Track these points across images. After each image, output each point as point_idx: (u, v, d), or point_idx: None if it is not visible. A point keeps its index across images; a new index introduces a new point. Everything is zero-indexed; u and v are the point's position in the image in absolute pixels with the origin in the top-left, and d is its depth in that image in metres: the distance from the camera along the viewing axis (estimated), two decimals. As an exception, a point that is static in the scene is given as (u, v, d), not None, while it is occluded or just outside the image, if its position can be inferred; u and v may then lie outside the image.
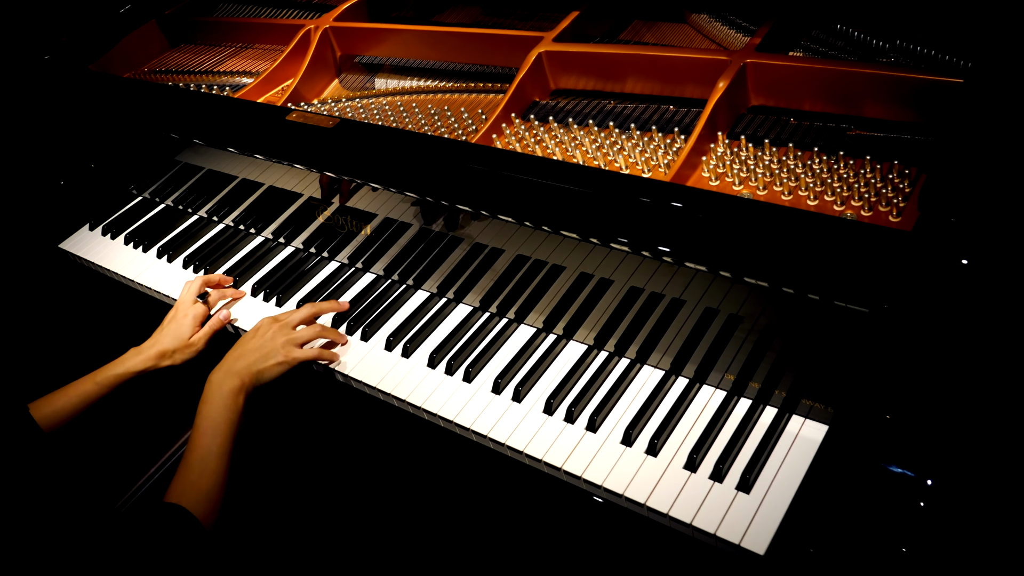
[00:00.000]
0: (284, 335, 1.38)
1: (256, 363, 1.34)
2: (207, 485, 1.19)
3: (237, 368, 1.32)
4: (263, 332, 1.39)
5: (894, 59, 1.33)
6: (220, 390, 1.29)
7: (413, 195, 1.36)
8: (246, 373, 1.32)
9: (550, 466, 1.19)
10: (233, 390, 1.29)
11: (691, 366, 1.25)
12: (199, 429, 1.25)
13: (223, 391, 1.29)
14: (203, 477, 1.20)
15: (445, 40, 1.72)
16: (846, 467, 0.98)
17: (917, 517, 0.90)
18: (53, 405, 1.40)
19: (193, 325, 1.51)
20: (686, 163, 1.28)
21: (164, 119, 1.70)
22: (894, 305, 0.95)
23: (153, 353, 1.47)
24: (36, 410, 1.38)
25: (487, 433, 1.25)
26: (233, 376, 1.31)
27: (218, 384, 1.30)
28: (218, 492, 1.20)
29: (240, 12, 2.16)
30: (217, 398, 1.28)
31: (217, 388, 1.29)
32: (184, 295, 1.55)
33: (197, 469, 1.20)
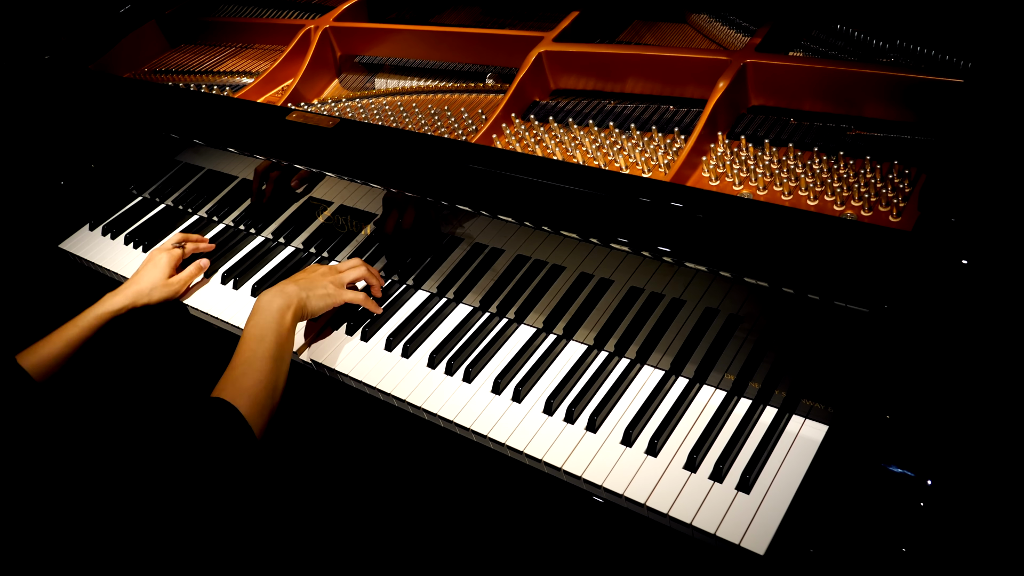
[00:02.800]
0: (332, 275, 1.42)
1: (304, 289, 1.36)
2: (249, 383, 1.19)
3: (287, 291, 1.35)
4: (311, 268, 1.44)
5: (894, 59, 1.33)
6: (269, 306, 1.31)
7: (413, 195, 1.36)
8: (294, 296, 1.34)
9: (550, 466, 1.19)
10: (281, 307, 1.31)
11: (691, 366, 1.25)
12: (245, 337, 1.27)
13: (272, 307, 1.31)
14: (246, 376, 1.20)
15: (445, 40, 1.72)
16: (846, 467, 0.98)
17: (917, 517, 0.90)
18: (39, 354, 1.44)
19: (169, 264, 1.59)
20: (686, 163, 1.28)
21: (164, 119, 1.70)
22: (894, 305, 0.95)
23: (131, 292, 1.54)
24: (23, 360, 1.43)
25: (487, 433, 1.25)
26: (282, 296, 1.33)
27: (267, 301, 1.32)
28: (261, 390, 1.19)
29: (240, 12, 2.16)
30: (265, 311, 1.30)
31: (267, 304, 1.32)
32: (163, 244, 1.65)
33: (240, 369, 1.21)
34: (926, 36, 1.31)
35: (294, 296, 1.34)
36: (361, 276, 1.47)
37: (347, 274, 1.44)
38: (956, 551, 0.91)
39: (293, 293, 1.35)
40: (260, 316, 1.30)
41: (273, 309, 1.31)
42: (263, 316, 1.30)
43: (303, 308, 1.35)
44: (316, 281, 1.39)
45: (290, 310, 1.32)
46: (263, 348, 1.25)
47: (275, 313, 1.30)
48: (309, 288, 1.37)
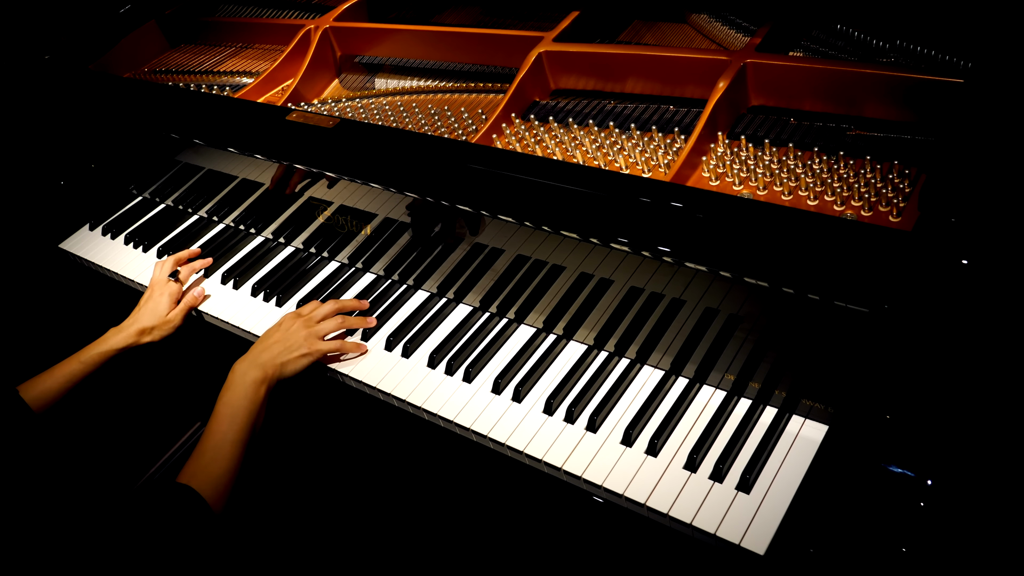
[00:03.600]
0: (307, 328, 1.39)
1: (280, 355, 1.34)
2: (218, 470, 1.19)
3: (261, 360, 1.33)
4: (286, 326, 1.40)
5: (894, 59, 1.33)
6: (243, 379, 1.30)
7: (413, 195, 1.36)
8: (269, 365, 1.33)
9: (550, 466, 1.19)
10: (255, 381, 1.30)
11: (691, 366, 1.25)
12: (217, 416, 1.26)
13: (245, 381, 1.29)
14: (215, 462, 1.20)
15: (445, 40, 1.72)
16: (846, 467, 0.98)
17: (917, 517, 0.90)
18: (40, 386, 1.44)
19: (169, 303, 1.59)
20: (686, 163, 1.28)
21: (164, 119, 1.70)
22: (894, 305, 0.95)
23: (133, 331, 1.54)
24: (24, 392, 1.43)
25: (487, 433, 1.25)
26: (256, 367, 1.31)
27: (241, 374, 1.31)
28: (229, 479, 1.20)
29: (240, 12, 2.16)
30: (239, 387, 1.29)
31: (240, 377, 1.30)
32: (156, 275, 1.63)
33: (210, 454, 1.21)
34: (926, 36, 1.31)
35: (269, 366, 1.33)
36: (338, 326, 1.43)
37: (323, 326, 1.41)
38: (956, 551, 0.91)
39: (268, 362, 1.33)
40: (233, 393, 1.28)
41: (247, 383, 1.29)
42: (236, 393, 1.28)
43: (279, 376, 1.34)
44: (292, 341, 1.37)
45: (264, 384, 1.31)
46: (234, 431, 1.24)
47: (249, 388, 1.29)
48: (286, 352, 1.35)
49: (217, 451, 1.21)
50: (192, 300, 1.61)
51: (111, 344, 1.51)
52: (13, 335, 2.08)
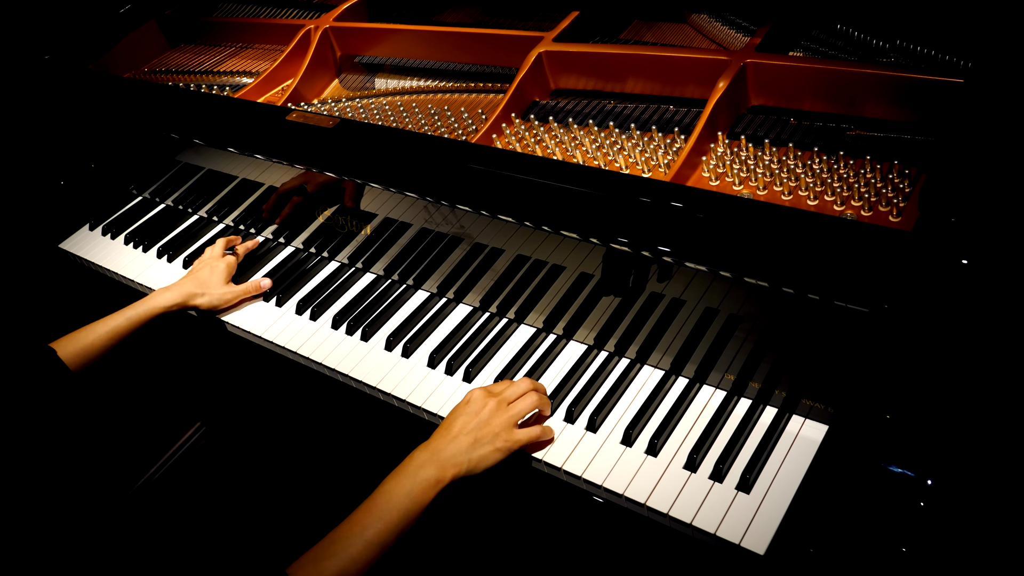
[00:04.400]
0: (502, 412, 1.16)
1: (467, 451, 1.11)
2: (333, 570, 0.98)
3: (443, 456, 1.10)
4: (476, 408, 1.16)
5: (894, 59, 1.33)
6: (415, 475, 1.08)
7: (413, 195, 1.36)
8: (451, 464, 1.09)
9: (550, 466, 1.19)
10: (427, 481, 1.07)
11: (691, 366, 1.25)
12: (369, 502, 1.06)
13: (417, 477, 1.07)
14: (335, 558, 0.99)
15: (445, 40, 1.72)
16: (846, 467, 0.98)
17: (917, 517, 0.90)
18: (79, 342, 1.39)
19: (226, 274, 1.55)
20: (686, 163, 1.28)
21: (164, 119, 1.70)
22: (894, 305, 0.95)
23: (182, 292, 1.51)
24: (60, 348, 1.38)
25: (487, 433, 1.25)
26: (435, 464, 1.09)
27: (416, 466, 1.09)
28: None
29: (240, 12, 2.16)
30: (406, 479, 1.07)
31: (414, 470, 1.08)
32: (213, 249, 1.61)
33: (335, 546, 1.00)
34: (926, 36, 1.31)
35: (450, 465, 1.09)
36: (536, 406, 1.19)
37: (520, 407, 1.17)
38: (956, 551, 0.91)
39: (450, 460, 1.09)
40: (397, 484, 1.06)
41: (417, 480, 1.06)
42: (401, 486, 1.05)
43: (467, 472, 1.10)
44: (486, 431, 1.13)
45: (438, 487, 1.07)
46: (375, 529, 1.02)
47: (416, 487, 1.06)
48: (476, 446, 1.11)
49: (344, 546, 1.00)
50: (253, 287, 1.57)
51: (159, 301, 1.48)
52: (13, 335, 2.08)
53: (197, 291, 1.52)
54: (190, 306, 1.52)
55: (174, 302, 1.50)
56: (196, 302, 1.52)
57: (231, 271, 1.57)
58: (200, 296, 1.52)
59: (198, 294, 1.52)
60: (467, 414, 1.15)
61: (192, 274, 1.56)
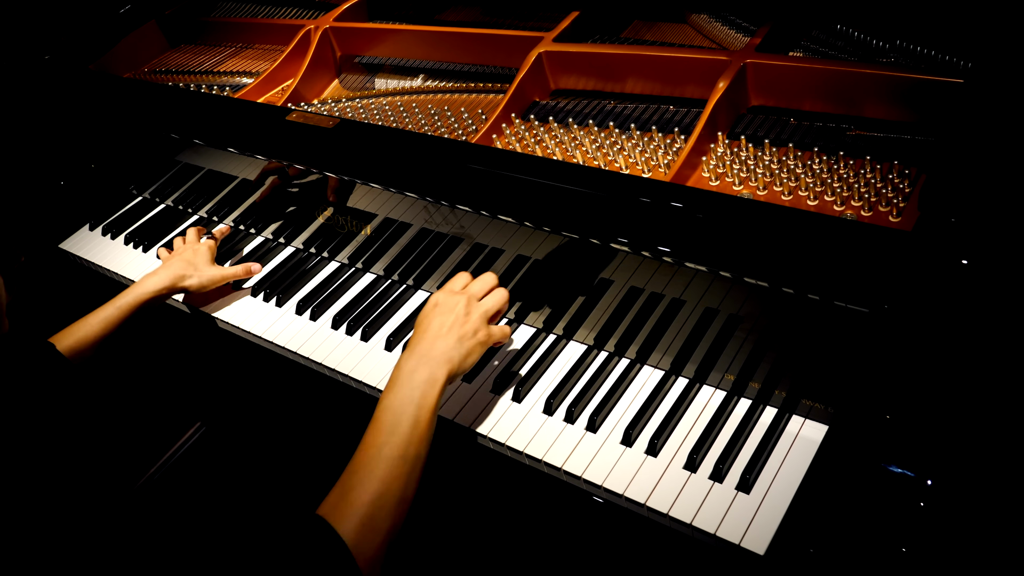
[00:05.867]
0: (478, 309, 1.16)
1: (457, 346, 1.10)
2: (365, 498, 0.94)
3: (434, 354, 1.09)
4: (449, 307, 1.14)
5: (894, 59, 1.33)
6: (409, 380, 1.06)
7: (413, 195, 1.36)
8: (443, 361, 1.08)
9: (550, 466, 1.19)
10: (425, 382, 1.06)
11: (691, 366, 1.25)
12: (374, 423, 1.02)
13: (412, 382, 1.06)
14: (362, 486, 0.95)
15: (445, 40, 1.72)
16: (846, 467, 0.98)
17: (917, 517, 0.90)
18: (75, 335, 1.41)
19: (209, 255, 1.56)
20: (686, 163, 1.28)
21: (164, 119, 1.70)
22: (894, 305, 0.95)
23: (170, 274, 1.51)
24: (58, 342, 1.40)
25: (487, 434, 1.25)
26: (426, 364, 1.07)
27: (407, 373, 1.07)
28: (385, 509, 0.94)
29: (240, 12, 2.16)
30: (403, 388, 1.05)
31: (406, 377, 1.06)
32: (188, 235, 1.63)
33: (358, 474, 0.96)
34: (926, 36, 1.31)
35: (443, 362, 1.08)
36: (504, 303, 1.20)
37: (491, 301, 1.18)
38: (956, 551, 0.91)
39: (441, 357, 1.08)
40: (396, 395, 1.04)
41: (413, 385, 1.05)
42: (400, 395, 1.04)
43: (456, 373, 1.10)
44: (465, 326, 1.12)
45: (437, 385, 1.06)
46: (392, 444, 0.98)
47: (416, 390, 1.04)
48: (460, 340, 1.11)
49: (368, 470, 0.96)
50: (243, 270, 1.57)
51: (147, 286, 1.48)
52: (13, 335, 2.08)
53: (185, 272, 1.51)
54: (179, 288, 1.51)
55: (163, 285, 1.49)
56: (185, 283, 1.51)
57: (213, 253, 1.59)
58: (189, 277, 1.51)
59: (186, 275, 1.51)
60: (442, 314, 1.14)
61: (177, 256, 1.56)
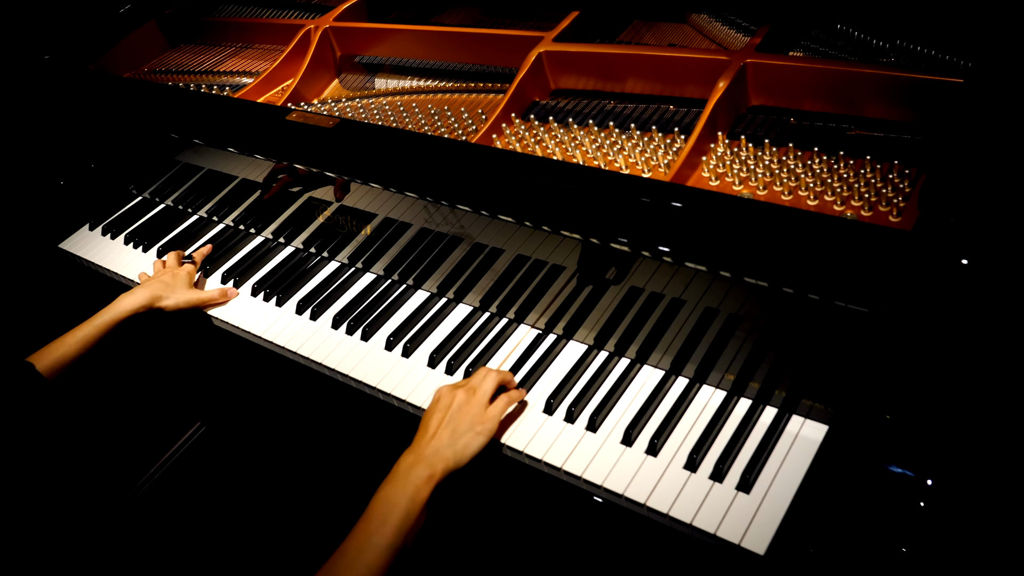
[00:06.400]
0: (472, 399, 1.20)
1: (449, 444, 1.15)
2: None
3: (426, 453, 1.13)
4: (445, 403, 1.20)
5: (894, 59, 1.33)
6: (407, 475, 1.11)
7: (413, 195, 1.36)
8: (437, 459, 1.13)
9: (550, 466, 1.19)
10: (418, 479, 1.10)
11: (691, 366, 1.25)
12: (368, 512, 1.09)
13: (408, 477, 1.11)
14: (349, 569, 1.02)
15: (445, 40, 1.72)
16: (846, 467, 0.98)
17: (917, 517, 0.90)
18: (52, 355, 1.43)
19: (188, 279, 1.60)
20: (686, 163, 1.28)
21: (164, 119, 1.70)
22: (894, 305, 0.95)
23: (147, 292, 1.54)
24: (36, 361, 1.42)
25: (487, 433, 1.25)
26: (422, 463, 1.12)
27: (406, 467, 1.12)
28: None
29: (240, 12, 2.16)
30: (399, 483, 1.10)
31: (404, 472, 1.12)
32: (168, 259, 1.67)
33: (349, 557, 1.03)
34: (926, 36, 1.31)
35: (437, 460, 1.12)
36: (499, 381, 1.24)
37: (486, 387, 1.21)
38: (956, 551, 0.91)
39: (435, 455, 1.13)
40: (392, 488, 1.09)
41: (410, 480, 1.10)
42: (395, 488, 1.09)
43: (453, 467, 1.13)
44: (460, 420, 1.16)
45: (431, 483, 1.10)
46: (381, 535, 1.05)
47: (410, 486, 1.09)
48: (455, 437, 1.15)
49: (358, 555, 1.03)
50: (218, 294, 1.59)
51: (123, 305, 1.50)
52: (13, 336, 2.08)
53: (162, 293, 1.55)
54: (155, 307, 1.54)
55: (140, 304, 1.52)
56: (161, 304, 1.54)
57: (192, 277, 1.62)
58: (166, 298, 1.55)
59: (163, 296, 1.54)
60: (439, 411, 1.19)
61: (156, 278, 1.59)
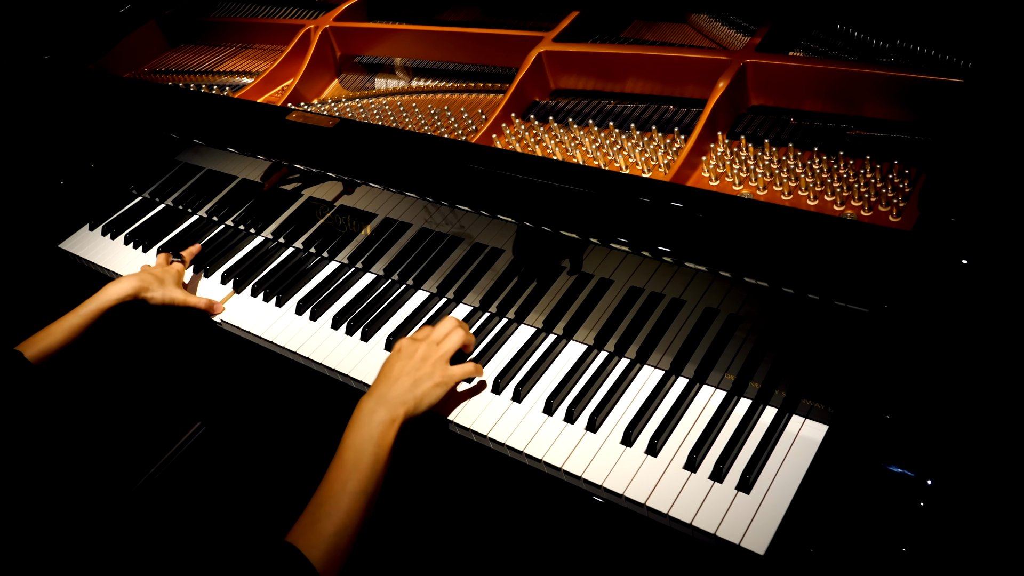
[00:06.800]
0: (433, 352, 1.25)
1: (411, 389, 1.19)
2: (333, 528, 1.04)
3: (389, 397, 1.17)
4: (408, 353, 1.24)
5: (894, 59, 1.33)
6: (369, 420, 1.14)
7: (413, 195, 1.36)
8: (399, 403, 1.17)
9: (550, 466, 1.19)
10: (383, 422, 1.14)
11: (691, 366, 1.25)
12: (338, 459, 1.11)
13: (371, 422, 1.14)
14: (329, 518, 1.04)
15: (445, 40, 1.72)
16: (846, 467, 0.98)
17: (917, 517, 0.90)
18: (39, 344, 1.43)
19: (177, 276, 1.60)
20: (686, 163, 1.28)
21: (164, 119, 1.70)
22: (894, 305, 0.95)
23: (135, 283, 1.54)
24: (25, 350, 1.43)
25: (487, 433, 1.25)
26: (384, 407, 1.16)
27: (367, 413, 1.15)
28: (346, 539, 1.04)
29: (240, 12, 2.16)
30: (364, 427, 1.13)
31: (366, 418, 1.14)
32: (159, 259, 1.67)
33: (325, 507, 1.06)
34: (926, 36, 1.31)
35: (399, 403, 1.16)
36: (462, 341, 1.28)
37: (449, 343, 1.26)
38: (956, 551, 0.91)
39: (397, 399, 1.17)
40: (357, 434, 1.12)
41: (374, 424, 1.13)
42: (360, 436, 1.12)
43: (413, 413, 1.18)
44: (421, 370, 1.21)
45: (394, 425, 1.14)
46: (356, 480, 1.08)
47: (375, 429, 1.12)
48: (416, 385, 1.19)
49: (334, 504, 1.06)
50: (204, 302, 1.58)
51: (110, 294, 1.51)
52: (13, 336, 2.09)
53: (150, 285, 1.55)
54: (141, 297, 1.53)
55: (127, 292, 1.52)
56: (148, 294, 1.54)
57: (181, 275, 1.63)
58: (153, 290, 1.54)
59: (151, 288, 1.54)
60: (402, 359, 1.23)
61: (145, 270, 1.59)
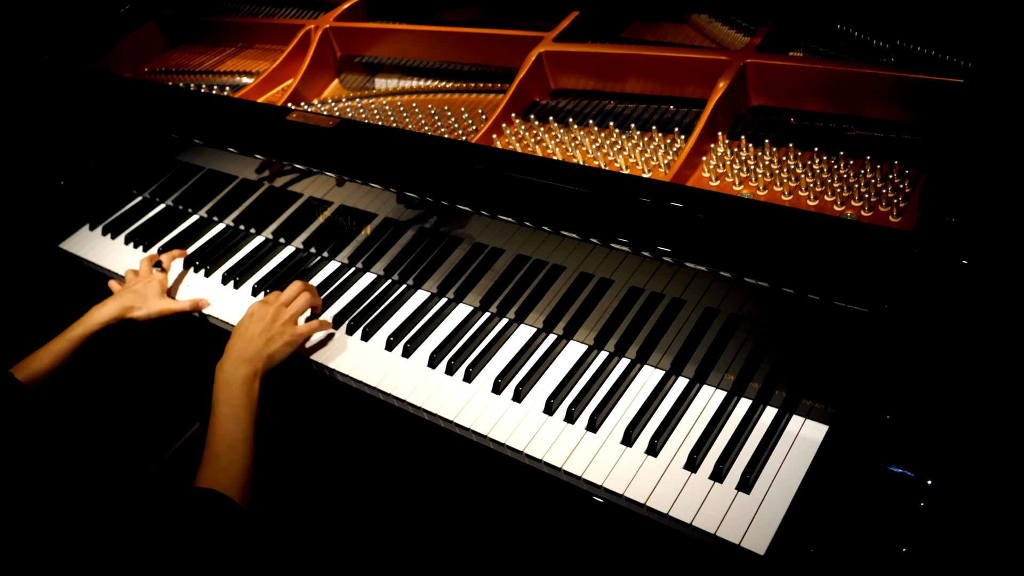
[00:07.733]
0: (283, 314, 1.40)
1: (265, 347, 1.35)
2: (237, 470, 1.20)
3: (248, 355, 1.33)
4: (260, 316, 1.39)
5: (894, 59, 1.33)
6: (234, 378, 1.29)
7: (413, 195, 1.36)
8: (258, 359, 1.33)
9: (550, 466, 1.19)
10: (248, 377, 1.30)
11: (691, 366, 1.25)
12: (220, 417, 1.25)
13: (237, 379, 1.29)
14: (232, 463, 1.21)
15: (445, 40, 1.72)
16: (846, 467, 0.98)
17: (917, 517, 0.90)
18: (28, 369, 1.46)
19: (159, 288, 1.61)
20: (686, 163, 1.28)
21: (164, 119, 1.70)
22: (894, 305, 0.95)
23: (120, 305, 1.56)
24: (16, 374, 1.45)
25: (487, 433, 1.25)
26: (245, 363, 1.31)
27: (230, 372, 1.30)
28: (248, 476, 1.21)
29: (240, 12, 2.16)
30: (233, 386, 1.28)
31: (231, 376, 1.30)
32: (140, 268, 1.67)
33: (225, 456, 1.21)
34: (926, 36, 1.31)
35: (258, 359, 1.33)
36: (308, 304, 1.46)
37: (296, 306, 1.43)
38: (956, 551, 0.92)
39: (256, 356, 1.33)
40: (229, 392, 1.28)
41: (239, 381, 1.29)
42: (232, 392, 1.28)
43: (268, 367, 1.35)
44: (272, 330, 1.38)
45: (257, 377, 1.31)
46: (241, 429, 1.24)
47: (242, 386, 1.29)
48: (269, 343, 1.36)
49: (231, 452, 1.22)
50: (189, 304, 1.60)
51: (94, 319, 1.53)
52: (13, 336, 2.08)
53: (134, 304, 1.57)
54: (127, 318, 1.56)
55: (111, 316, 1.54)
56: (133, 314, 1.56)
57: (164, 286, 1.63)
58: (137, 309, 1.56)
59: (135, 307, 1.56)
60: (255, 322, 1.39)
61: (128, 288, 1.60)
